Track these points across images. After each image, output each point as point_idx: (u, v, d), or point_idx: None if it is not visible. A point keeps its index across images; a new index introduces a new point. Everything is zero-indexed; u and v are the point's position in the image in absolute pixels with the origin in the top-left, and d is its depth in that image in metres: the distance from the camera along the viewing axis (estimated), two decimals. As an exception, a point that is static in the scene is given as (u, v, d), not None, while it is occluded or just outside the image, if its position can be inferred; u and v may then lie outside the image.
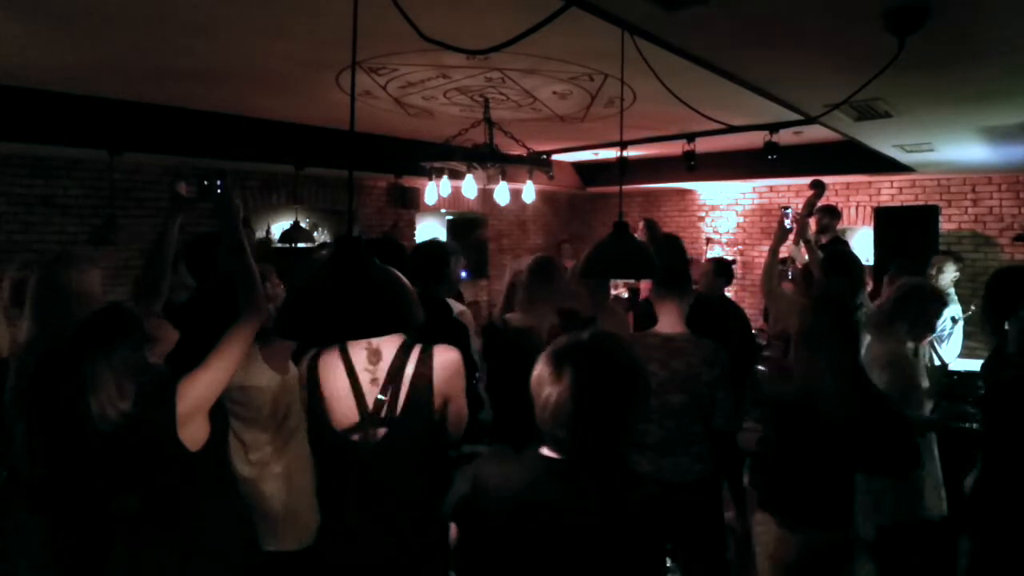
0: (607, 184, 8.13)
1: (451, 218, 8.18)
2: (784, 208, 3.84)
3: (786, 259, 5.91)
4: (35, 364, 2.08)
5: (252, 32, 2.91)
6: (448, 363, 1.85)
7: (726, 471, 3.04)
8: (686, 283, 2.78)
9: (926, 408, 2.90)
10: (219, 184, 2.10)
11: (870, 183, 7.10)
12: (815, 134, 5.08)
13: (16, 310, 2.56)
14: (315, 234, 6.57)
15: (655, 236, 6.73)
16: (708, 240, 8.17)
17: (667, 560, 2.74)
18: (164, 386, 1.81)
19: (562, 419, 1.31)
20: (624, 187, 6.78)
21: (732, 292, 6.61)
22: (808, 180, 4.32)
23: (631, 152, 6.79)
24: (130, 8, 2.58)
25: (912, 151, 4.80)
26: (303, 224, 6.25)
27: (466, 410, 1.96)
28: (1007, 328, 2.49)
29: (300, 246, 5.97)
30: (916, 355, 3.03)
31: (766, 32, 2.16)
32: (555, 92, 4.08)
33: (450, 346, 1.90)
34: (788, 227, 3.75)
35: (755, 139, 5.13)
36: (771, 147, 4.86)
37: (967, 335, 4.70)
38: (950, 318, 4.38)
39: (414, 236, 7.45)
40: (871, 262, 6.15)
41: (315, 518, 2.03)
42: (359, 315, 1.29)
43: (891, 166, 5.58)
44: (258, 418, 2.21)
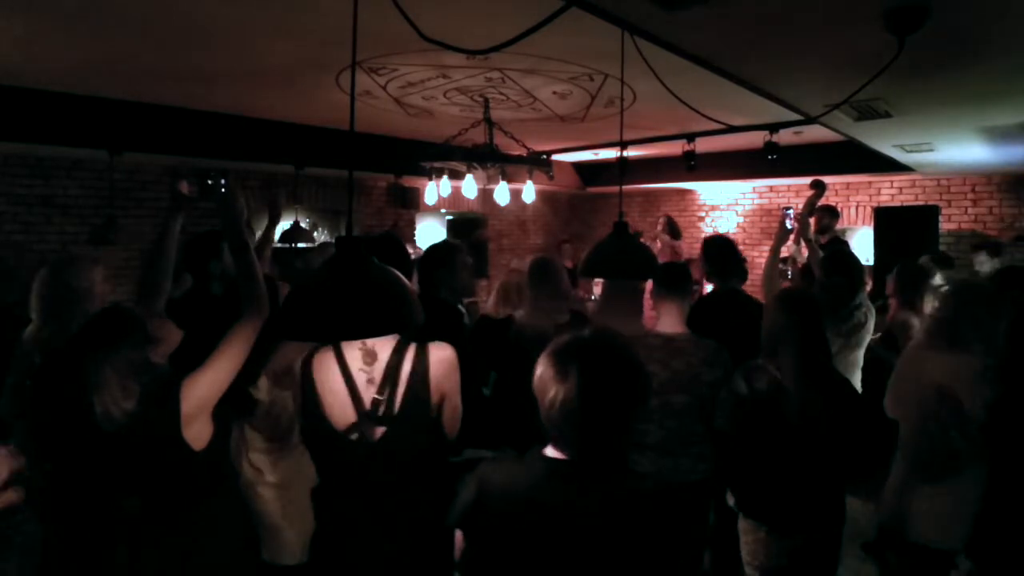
0: (607, 184, 8.13)
1: (451, 218, 8.18)
2: (785, 208, 3.86)
3: (786, 259, 5.92)
4: (38, 364, 2.08)
5: (252, 32, 2.91)
6: (444, 360, 1.85)
7: (730, 472, 3.02)
8: (687, 283, 2.78)
9: None
10: (222, 183, 2.10)
11: (870, 183, 7.10)
12: (815, 134, 5.08)
13: None
14: (315, 234, 6.57)
15: (676, 234, 6.77)
16: (708, 240, 8.16)
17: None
18: (167, 386, 1.80)
19: (571, 417, 1.31)
20: (624, 187, 6.77)
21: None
22: (808, 180, 4.32)
23: (631, 152, 6.80)
24: (130, 8, 2.58)
25: (912, 151, 4.81)
26: (303, 224, 6.25)
27: (461, 408, 1.95)
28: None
29: (300, 246, 5.98)
30: None
31: (766, 32, 2.16)
32: (555, 92, 4.09)
33: (445, 343, 1.88)
34: (789, 228, 3.75)
35: (755, 139, 5.13)
36: (771, 147, 4.87)
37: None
38: None
39: (414, 236, 7.45)
40: (871, 262, 6.17)
41: (308, 534, 2.00)
42: (359, 315, 1.29)
43: (891, 166, 5.58)
44: (257, 423, 2.21)
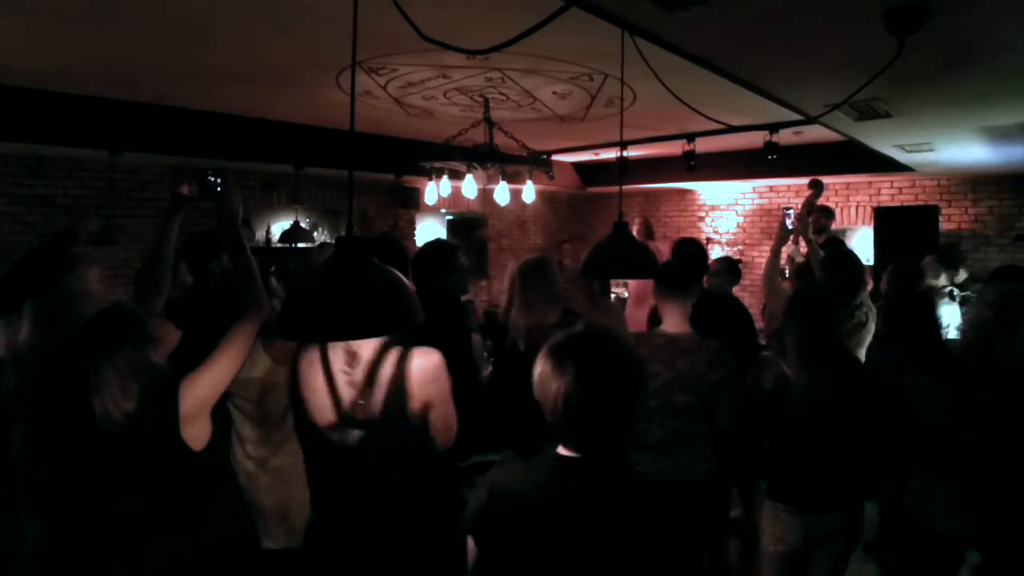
0: (607, 184, 8.13)
1: (451, 218, 8.17)
2: (785, 209, 3.86)
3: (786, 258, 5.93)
4: (38, 365, 2.08)
5: (252, 32, 2.90)
6: (425, 367, 1.74)
7: (732, 472, 3.03)
8: (689, 283, 2.77)
9: None
10: (220, 181, 2.10)
11: (870, 183, 7.10)
12: (815, 134, 5.08)
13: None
14: (315, 234, 6.57)
15: (651, 234, 6.76)
16: (708, 240, 8.16)
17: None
18: (167, 386, 1.81)
19: (572, 411, 1.32)
20: (624, 187, 6.78)
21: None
22: (808, 180, 4.32)
23: (631, 152, 6.79)
24: (130, 8, 2.58)
25: (912, 151, 4.81)
26: (303, 224, 6.25)
27: (453, 418, 1.83)
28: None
29: (300, 246, 5.98)
30: None
31: (766, 32, 2.16)
32: (555, 92, 4.09)
33: (431, 349, 1.78)
34: (789, 228, 3.76)
35: (755, 139, 5.13)
36: (771, 147, 4.87)
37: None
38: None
39: (414, 236, 7.45)
40: (871, 262, 6.17)
41: (307, 517, 2.00)
42: (359, 315, 1.29)
43: (891, 166, 5.58)
44: (253, 411, 2.22)
